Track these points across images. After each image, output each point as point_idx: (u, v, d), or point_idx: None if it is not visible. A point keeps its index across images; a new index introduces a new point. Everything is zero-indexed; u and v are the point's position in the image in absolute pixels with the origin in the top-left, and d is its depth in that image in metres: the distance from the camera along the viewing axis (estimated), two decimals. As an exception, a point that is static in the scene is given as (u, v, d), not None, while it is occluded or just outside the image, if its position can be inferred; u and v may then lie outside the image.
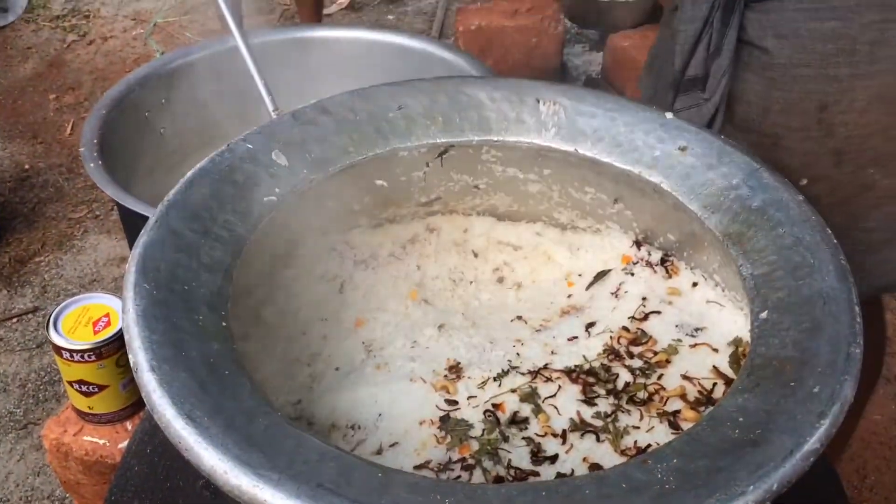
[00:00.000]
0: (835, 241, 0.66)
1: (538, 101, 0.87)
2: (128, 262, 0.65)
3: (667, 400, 0.77)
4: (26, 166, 2.18)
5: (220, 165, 0.77)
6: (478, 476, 0.70)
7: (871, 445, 1.44)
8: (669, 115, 0.83)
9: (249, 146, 0.79)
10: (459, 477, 0.69)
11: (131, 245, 1.58)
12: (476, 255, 0.98)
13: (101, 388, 0.94)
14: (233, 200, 0.75)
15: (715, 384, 0.77)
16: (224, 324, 0.64)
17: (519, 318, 0.91)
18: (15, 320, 1.68)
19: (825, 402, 0.54)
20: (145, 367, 0.56)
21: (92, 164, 1.33)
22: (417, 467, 0.71)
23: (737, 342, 0.80)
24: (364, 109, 0.86)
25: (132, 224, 1.41)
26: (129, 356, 0.57)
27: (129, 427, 0.97)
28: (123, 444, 0.93)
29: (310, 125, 0.83)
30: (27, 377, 1.58)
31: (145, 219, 1.23)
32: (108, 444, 0.96)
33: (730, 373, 0.78)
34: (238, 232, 0.73)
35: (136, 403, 0.96)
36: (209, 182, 0.75)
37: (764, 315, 0.63)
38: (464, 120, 0.87)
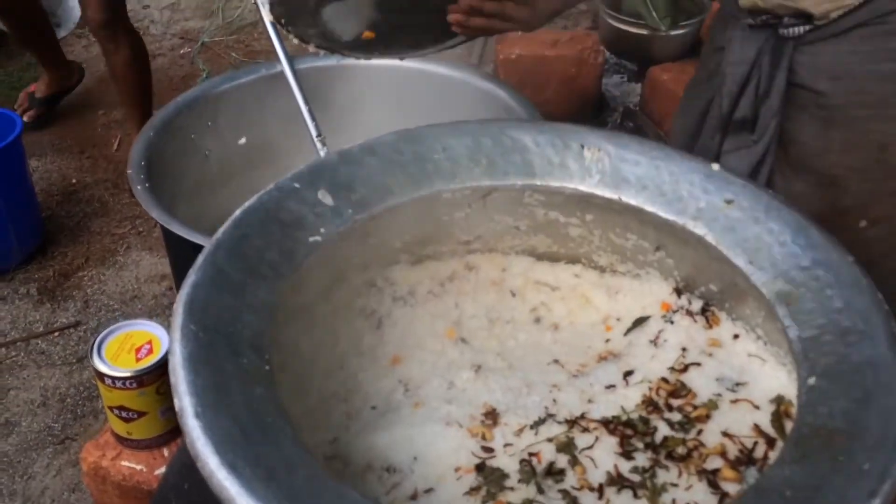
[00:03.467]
0: (886, 307, 0.65)
1: (582, 147, 0.87)
2: (175, 303, 0.66)
3: (706, 457, 0.75)
4: (73, 181, 2.24)
5: (267, 204, 0.78)
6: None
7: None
8: (716, 166, 0.82)
9: (296, 185, 0.81)
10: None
11: (173, 264, 1.62)
12: (514, 295, 0.98)
13: (141, 414, 0.95)
14: (278, 240, 0.76)
15: (756, 443, 0.76)
16: (267, 367, 0.65)
17: (556, 361, 0.90)
18: (56, 334, 1.72)
19: (876, 480, 0.52)
20: (190, 412, 0.57)
21: (139, 187, 1.36)
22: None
23: (779, 400, 0.79)
24: (410, 150, 0.87)
25: (175, 245, 1.44)
26: (175, 400, 0.58)
27: (166, 453, 0.99)
28: (160, 471, 0.94)
29: (356, 165, 0.84)
30: (66, 392, 1.61)
31: (188, 242, 1.26)
32: (144, 469, 0.98)
33: (771, 432, 0.77)
34: (283, 272, 0.74)
35: (173, 430, 0.98)
36: (256, 221, 0.76)
37: (812, 381, 0.62)
38: (508, 163, 0.88)
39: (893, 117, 0.94)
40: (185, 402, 0.57)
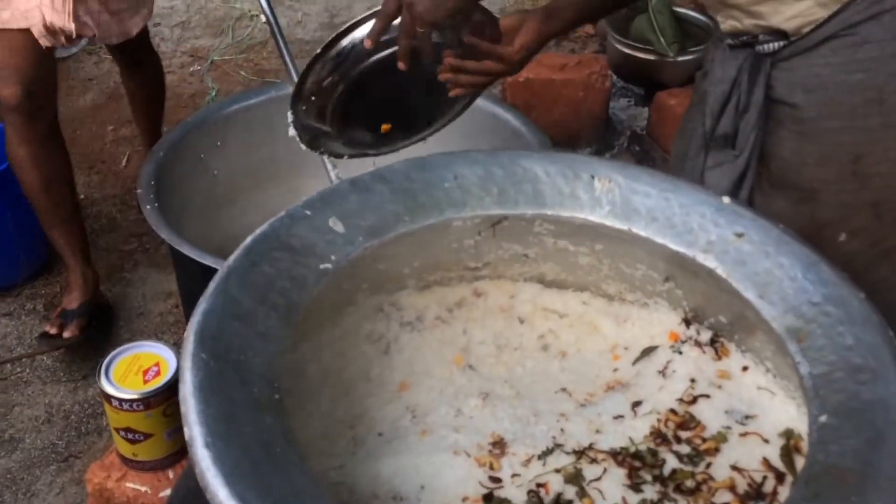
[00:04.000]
0: (897, 344, 0.65)
1: (593, 178, 0.87)
2: (186, 330, 0.66)
3: (715, 491, 0.75)
4: (82, 196, 2.24)
5: (278, 231, 0.79)
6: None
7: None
8: (727, 199, 0.82)
9: (307, 212, 0.81)
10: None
11: (180, 283, 1.62)
12: (522, 322, 0.97)
13: (147, 436, 0.95)
14: (289, 267, 0.76)
15: (765, 478, 0.76)
16: (277, 396, 0.65)
17: (563, 389, 0.90)
18: (62, 350, 1.72)
19: (888, 522, 0.52)
20: (200, 442, 0.57)
21: (149, 207, 1.37)
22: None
23: (788, 434, 0.78)
24: (421, 178, 0.87)
25: (182, 264, 1.45)
26: (185, 429, 0.58)
27: (171, 475, 0.98)
28: (165, 493, 0.94)
29: (367, 193, 0.85)
30: (71, 409, 1.61)
31: (196, 262, 1.26)
32: (149, 491, 0.97)
33: (780, 466, 0.76)
34: (293, 299, 0.74)
35: (178, 452, 0.98)
36: (267, 249, 0.77)
37: (823, 419, 0.62)
38: (518, 192, 0.88)
39: (864, 128, 0.95)
40: (195, 431, 0.57)
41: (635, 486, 0.76)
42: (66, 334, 1.68)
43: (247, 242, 0.77)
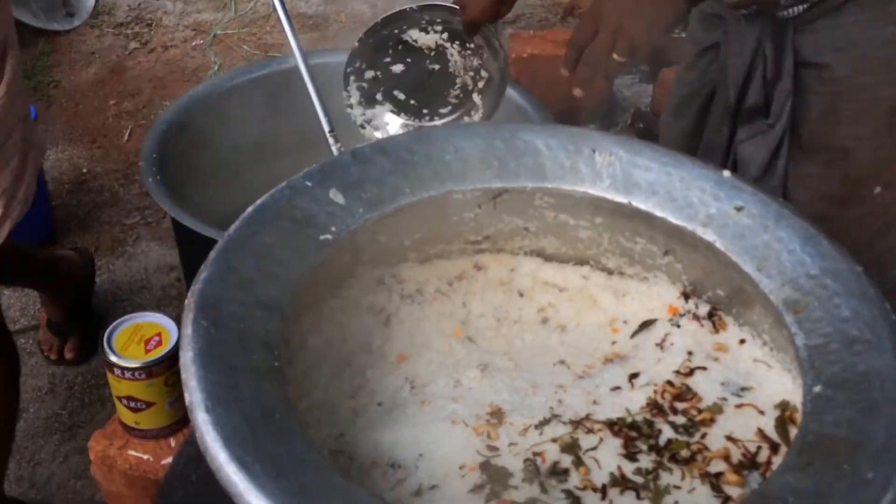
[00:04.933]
0: (893, 317, 0.65)
1: (594, 152, 0.87)
2: (187, 298, 0.67)
3: (710, 461, 0.76)
4: (84, 170, 2.25)
5: (279, 202, 0.79)
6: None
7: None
8: (727, 172, 0.82)
9: (308, 184, 0.81)
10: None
11: (182, 256, 1.63)
12: (521, 295, 0.98)
13: (149, 404, 0.96)
14: (290, 238, 0.77)
15: (759, 448, 0.76)
16: (277, 364, 0.66)
17: (562, 362, 0.91)
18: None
19: (879, 490, 0.53)
20: (200, 407, 0.57)
21: (151, 179, 1.37)
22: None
23: (783, 406, 0.79)
24: (422, 151, 0.87)
25: (185, 237, 1.45)
26: (186, 395, 0.59)
27: (173, 444, 1.00)
28: (167, 461, 0.95)
29: (368, 164, 0.85)
30: (74, 379, 1.62)
31: (198, 234, 1.27)
32: (151, 459, 0.99)
33: (775, 437, 0.77)
34: (294, 270, 0.75)
35: (180, 421, 0.99)
36: (268, 219, 0.77)
37: (818, 389, 0.62)
38: (519, 165, 0.88)
39: None
40: (195, 397, 0.58)
41: (631, 456, 0.77)
42: (67, 355, 1.61)
43: (247, 213, 0.78)
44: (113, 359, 0.93)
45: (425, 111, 1.23)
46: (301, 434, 0.59)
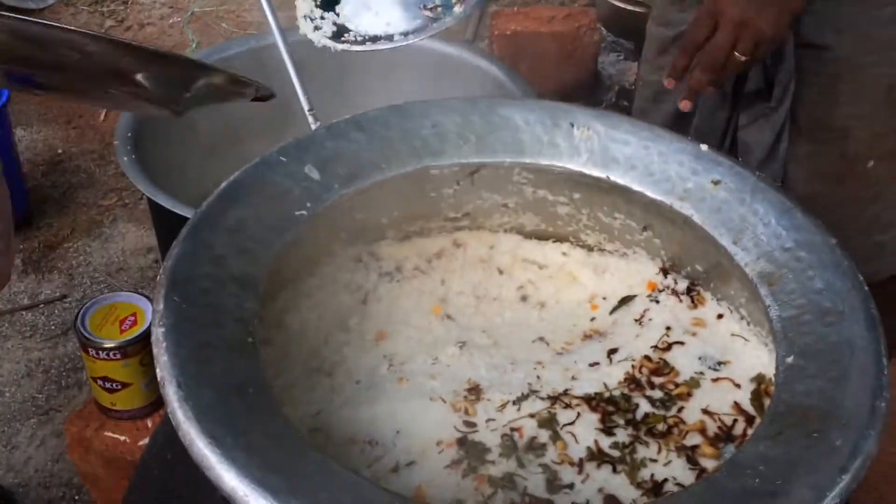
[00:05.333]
0: (866, 288, 0.65)
1: (572, 126, 0.87)
2: (159, 274, 0.66)
3: (686, 434, 0.76)
4: (59, 151, 2.21)
5: (252, 178, 0.78)
6: (497, 501, 0.70)
7: (891, 479, 1.42)
8: (704, 147, 0.82)
9: (282, 159, 0.80)
10: None
11: (159, 237, 1.61)
12: (501, 273, 0.98)
13: (125, 385, 0.95)
14: (264, 214, 0.76)
15: (735, 420, 0.77)
16: (251, 339, 0.65)
17: (541, 339, 0.91)
18: (41, 306, 1.71)
19: (847, 457, 0.53)
20: (171, 382, 0.57)
21: (125, 158, 1.35)
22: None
23: (759, 379, 0.79)
24: (398, 126, 0.86)
25: (161, 218, 1.43)
26: (157, 370, 0.58)
27: (150, 424, 0.99)
28: (143, 442, 0.94)
29: (343, 140, 0.84)
30: (51, 363, 1.61)
31: (175, 215, 1.25)
32: (128, 440, 0.98)
33: (751, 410, 0.78)
34: (268, 245, 0.74)
35: (156, 402, 0.98)
36: (241, 194, 0.76)
37: (790, 360, 0.63)
38: (497, 141, 0.87)
39: None
40: (166, 372, 0.57)
41: (608, 430, 0.77)
42: None
43: (221, 188, 0.77)
44: (86, 339, 0.91)
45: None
46: (275, 410, 0.58)
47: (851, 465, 0.53)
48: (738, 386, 0.80)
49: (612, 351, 0.87)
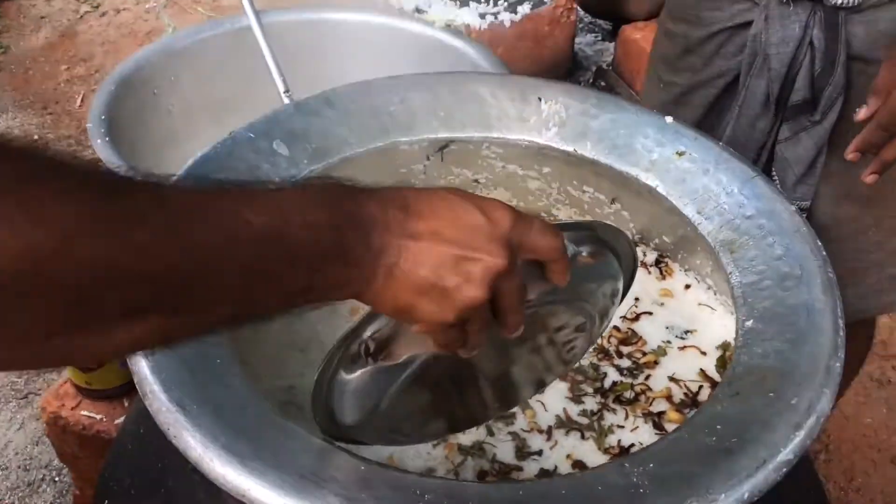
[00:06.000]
0: (823, 253, 0.67)
1: (540, 100, 0.87)
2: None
3: (653, 401, 0.78)
4: (35, 137, 2.19)
5: (221, 154, 0.78)
6: (467, 468, 0.71)
7: (860, 448, 1.45)
8: (669, 119, 0.83)
9: (251, 135, 0.80)
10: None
11: (136, 221, 1.60)
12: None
13: (100, 364, 0.96)
14: (232, 189, 0.76)
15: (701, 387, 0.79)
16: (218, 312, 0.65)
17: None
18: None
19: (802, 414, 0.55)
20: (138, 353, 0.57)
21: (99, 140, 1.34)
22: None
23: (725, 346, 0.81)
24: (367, 102, 0.87)
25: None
26: (124, 341, 0.59)
27: (126, 404, 0.99)
28: (120, 420, 0.95)
29: (313, 116, 0.84)
30: (30, 348, 1.61)
31: (150, 197, 1.24)
32: (104, 419, 0.98)
33: (716, 376, 0.79)
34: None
35: (132, 381, 0.98)
36: (211, 170, 0.76)
37: (749, 324, 0.64)
38: (465, 115, 0.88)
39: None
40: (133, 343, 0.58)
41: (576, 398, 0.78)
42: None
43: (189, 164, 0.77)
44: (61, 319, 0.92)
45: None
46: (241, 378, 0.59)
47: (806, 422, 0.55)
48: (704, 353, 0.82)
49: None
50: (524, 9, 2.11)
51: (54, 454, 1.30)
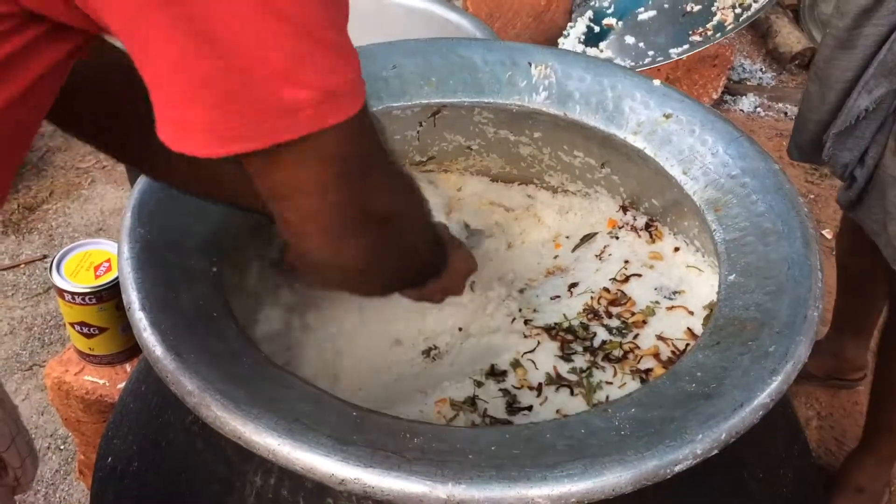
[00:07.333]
0: (805, 209, 0.68)
1: (530, 65, 0.88)
2: (124, 208, 0.68)
3: (640, 358, 0.80)
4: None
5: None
6: (459, 422, 0.73)
7: (852, 415, 1.47)
8: (657, 82, 0.84)
9: (246, 100, 0.81)
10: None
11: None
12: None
13: (102, 330, 0.97)
14: (228, 152, 0.77)
15: (688, 345, 0.80)
16: (215, 269, 0.67)
17: (506, 277, 0.93)
18: (23, 266, 1.72)
19: (778, 361, 0.56)
20: (137, 305, 0.59)
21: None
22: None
23: (712, 306, 0.83)
24: (359, 68, 0.88)
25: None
26: (123, 295, 0.60)
27: (129, 368, 1.01)
28: (122, 385, 0.97)
29: (305, 81, 0.85)
30: (33, 321, 1.62)
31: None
32: (107, 384, 1.00)
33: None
34: (232, 183, 0.75)
35: (135, 346, 1.00)
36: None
37: (732, 278, 0.65)
38: (457, 81, 0.89)
39: None
40: (132, 296, 0.59)
41: (566, 357, 0.80)
42: None
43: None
44: (62, 284, 0.93)
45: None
46: (237, 330, 0.61)
47: (782, 367, 0.56)
48: (691, 313, 0.83)
49: (573, 285, 0.90)
50: (521, -17, 2.10)
51: (59, 423, 1.33)
